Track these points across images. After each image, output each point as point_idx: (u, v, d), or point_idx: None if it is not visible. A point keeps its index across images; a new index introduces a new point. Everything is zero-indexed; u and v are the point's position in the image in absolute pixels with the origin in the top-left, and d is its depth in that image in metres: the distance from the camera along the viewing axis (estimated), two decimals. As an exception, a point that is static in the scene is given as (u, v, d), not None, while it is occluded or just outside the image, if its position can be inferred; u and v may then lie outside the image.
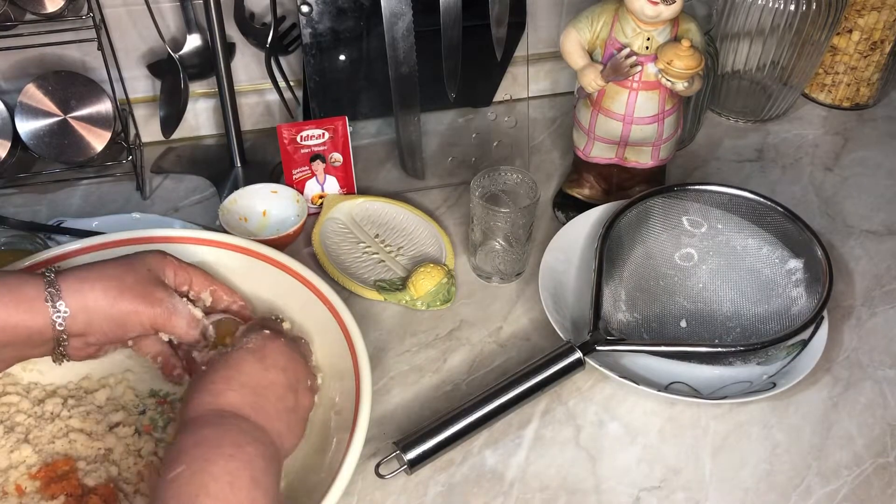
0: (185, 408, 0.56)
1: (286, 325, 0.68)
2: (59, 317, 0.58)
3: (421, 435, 0.66)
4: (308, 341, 0.67)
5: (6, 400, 0.67)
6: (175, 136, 0.91)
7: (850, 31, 1.02)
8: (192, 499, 0.48)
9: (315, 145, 0.86)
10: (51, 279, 0.58)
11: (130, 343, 0.64)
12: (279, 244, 0.79)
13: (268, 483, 0.51)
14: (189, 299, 0.66)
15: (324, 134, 0.85)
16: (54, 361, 0.62)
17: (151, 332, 0.63)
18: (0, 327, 0.56)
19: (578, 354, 0.70)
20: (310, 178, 0.87)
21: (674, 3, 0.73)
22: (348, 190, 0.89)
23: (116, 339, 0.62)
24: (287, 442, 0.58)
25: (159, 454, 0.65)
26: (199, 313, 0.65)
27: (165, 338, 0.65)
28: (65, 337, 0.59)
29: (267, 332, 0.62)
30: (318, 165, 0.87)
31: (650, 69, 0.78)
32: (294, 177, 0.87)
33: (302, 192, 0.87)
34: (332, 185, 0.88)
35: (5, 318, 0.57)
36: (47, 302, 0.57)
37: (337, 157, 0.86)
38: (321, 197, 0.88)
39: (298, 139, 0.85)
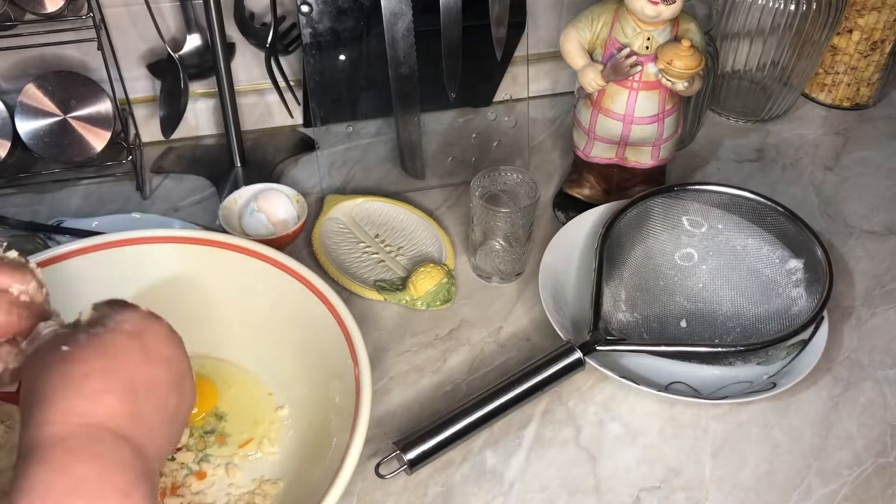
0: (43, 410, 0.40)
1: None
2: None
3: (421, 435, 0.66)
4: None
5: (6, 400, 0.67)
6: (175, 136, 0.91)
7: (850, 31, 1.02)
8: None
9: None
10: None
11: None
12: (279, 244, 0.79)
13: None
14: None
15: None
16: None
17: None
18: None
19: (578, 354, 0.70)
20: None
21: (674, 3, 0.73)
22: None
23: None
24: (161, 458, 0.45)
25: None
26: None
27: None
28: None
29: (144, 310, 0.47)
30: None
31: (650, 69, 0.78)
32: None
33: None
34: None
35: None
36: None
37: None
38: None
39: None
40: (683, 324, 0.78)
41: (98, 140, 0.85)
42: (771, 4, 0.95)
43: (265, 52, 0.88)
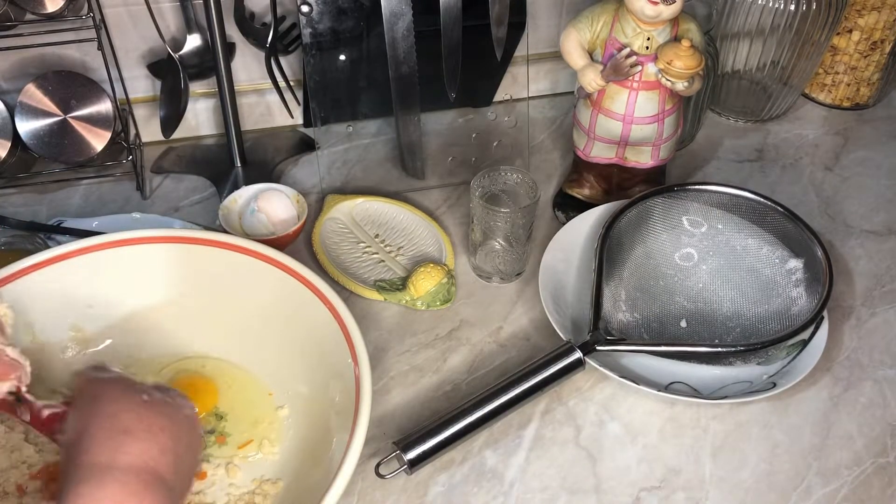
0: (121, 441, 0.50)
1: None
2: None
3: (421, 435, 0.66)
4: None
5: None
6: (175, 136, 0.91)
7: (850, 31, 1.02)
8: None
9: None
10: None
11: None
12: (279, 244, 0.79)
13: None
14: None
15: None
16: None
17: None
18: None
19: (578, 354, 0.70)
20: None
21: (674, 3, 0.73)
22: None
23: None
24: (182, 499, 0.54)
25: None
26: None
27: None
28: None
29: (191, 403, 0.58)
30: None
31: (650, 69, 0.78)
32: None
33: None
34: None
35: None
36: None
37: None
38: None
39: None
40: (683, 324, 0.78)
41: (98, 140, 0.85)
42: (771, 4, 0.95)
43: (265, 52, 0.88)
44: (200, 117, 0.97)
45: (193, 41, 0.90)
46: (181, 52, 0.89)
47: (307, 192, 0.91)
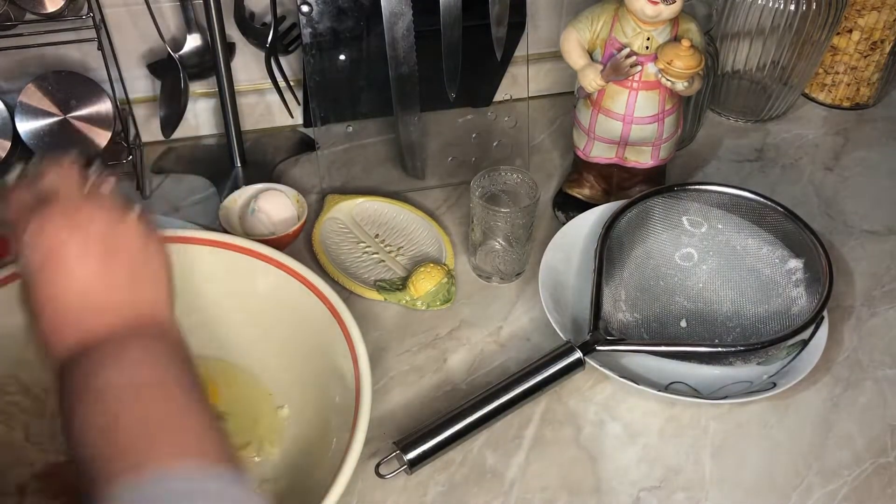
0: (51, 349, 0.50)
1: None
2: None
3: (421, 435, 0.66)
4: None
5: (7, 399, 0.67)
6: (175, 136, 0.91)
7: (850, 31, 1.02)
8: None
9: None
10: None
11: None
12: (279, 244, 0.79)
13: (177, 370, 0.49)
14: None
15: None
16: None
17: None
18: None
19: (578, 354, 0.70)
20: None
21: (674, 2, 0.73)
22: None
23: None
24: (157, 302, 0.53)
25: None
26: None
27: None
28: None
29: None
30: None
31: (650, 69, 0.78)
32: None
33: None
34: None
35: None
36: None
37: None
38: None
39: None
40: (683, 324, 0.78)
41: (98, 140, 0.85)
42: (771, 4, 0.95)
43: (265, 52, 0.88)
44: (200, 117, 0.97)
45: (193, 41, 0.90)
46: (181, 52, 0.89)
47: (307, 192, 0.91)
